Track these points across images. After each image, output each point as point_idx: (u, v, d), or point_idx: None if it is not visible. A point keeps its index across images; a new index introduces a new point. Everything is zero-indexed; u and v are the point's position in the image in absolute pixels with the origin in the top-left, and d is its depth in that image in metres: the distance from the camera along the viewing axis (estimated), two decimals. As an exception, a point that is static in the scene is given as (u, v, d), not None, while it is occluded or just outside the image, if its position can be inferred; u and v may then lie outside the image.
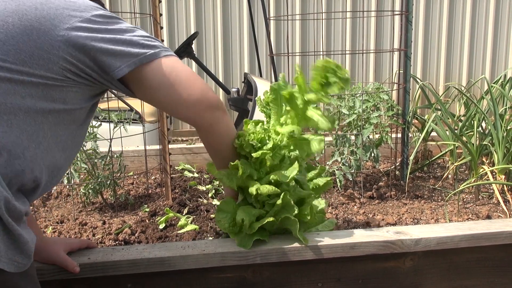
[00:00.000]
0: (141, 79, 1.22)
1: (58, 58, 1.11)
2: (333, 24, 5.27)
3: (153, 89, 1.24)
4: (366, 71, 5.38)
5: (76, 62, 1.13)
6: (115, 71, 1.17)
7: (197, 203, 2.28)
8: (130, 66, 1.18)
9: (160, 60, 1.22)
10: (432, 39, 5.47)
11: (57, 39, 1.10)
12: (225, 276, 1.50)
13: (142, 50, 1.19)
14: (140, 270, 1.43)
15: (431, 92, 2.79)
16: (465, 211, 2.21)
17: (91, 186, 2.26)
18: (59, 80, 1.12)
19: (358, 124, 2.38)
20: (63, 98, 1.15)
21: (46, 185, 1.19)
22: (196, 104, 1.29)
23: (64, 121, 1.18)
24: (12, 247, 1.03)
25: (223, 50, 5.27)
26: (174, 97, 1.26)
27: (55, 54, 1.10)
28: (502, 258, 1.64)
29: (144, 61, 1.19)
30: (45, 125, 1.13)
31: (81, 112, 1.23)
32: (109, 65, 1.16)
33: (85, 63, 1.15)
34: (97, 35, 1.14)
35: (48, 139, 1.14)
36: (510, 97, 2.81)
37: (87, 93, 1.22)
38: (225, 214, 1.50)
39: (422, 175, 2.74)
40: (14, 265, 1.03)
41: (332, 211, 2.23)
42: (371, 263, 1.56)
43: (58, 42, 1.10)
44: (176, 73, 1.25)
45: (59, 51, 1.11)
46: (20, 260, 1.04)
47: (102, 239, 1.94)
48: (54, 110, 1.14)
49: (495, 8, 5.45)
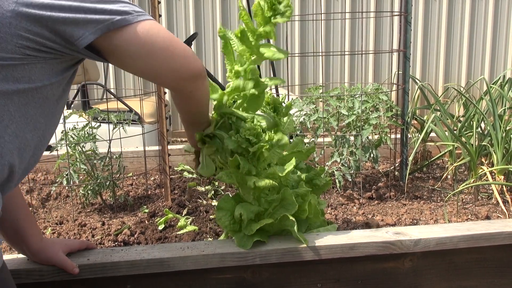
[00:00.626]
0: (112, 47, 1.11)
1: (11, 36, 1.01)
2: (332, 25, 5.28)
3: (127, 58, 1.14)
4: (365, 72, 5.39)
5: (33, 37, 1.04)
6: (78, 39, 1.06)
7: (197, 204, 2.28)
8: (96, 33, 1.07)
9: (132, 26, 1.10)
10: (431, 40, 5.48)
11: (6, 15, 1.00)
12: (224, 277, 1.50)
13: (108, 16, 1.07)
14: (139, 271, 1.43)
15: (430, 93, 2.79)
16: (464, 212, 2.21)
17: (90, 187, 2.26)
18: (17, 59, 1.04)
19: (358, 125, 2.38)
20: (27, 77, 1.07)
21: (21, 168, 1.14)
22: (176, 75, 1.21)
23: (34, 99, 1.10)
24: None
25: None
26: (152, 68, 1.17)
27: (7, 32, 1.01)
28: (501, 259, 1.64)
29: (111, 27, 1.08)
30: (11, 107, 1.06)
31: (53, 87, 1.14)
32: (71, 34, 1.06)
33: (44, 36, 1.04)
34: (54, 3, 1.03)
35: (16, 120, 1.08)
36: (509, 97, 2.82)
37: (57, 67, 1.13)
38: (224, 212, 1.51)
39: (422, 175, 2.74)
40: None
41: (331, 211, 2.23)
42: (370, 263, 1.56)
43: (8, 18, 1.01)
44: (153, 41, 1.13)
45: (11, 28, 1.01)
46: None
47: (101, 240, 1.94)
48: (19, 91, 1.06)
49: (494, 9, 5.45)
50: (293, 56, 5.12)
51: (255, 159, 1.50)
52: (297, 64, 5.30)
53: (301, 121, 2.43)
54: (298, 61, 5.29)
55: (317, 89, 2.51)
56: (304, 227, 1.61)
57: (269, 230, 1.55)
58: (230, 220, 1.50)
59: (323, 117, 2.38)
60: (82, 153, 2.23)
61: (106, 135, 2.25)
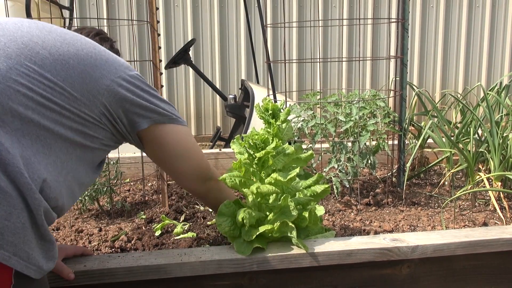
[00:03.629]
0: (158, 137, 1.41)
1: (100, 103, 1.27)
2: (330, 32, 5.30)
3: (169, 154, 1.46)
4: (362, 78, 5.40)
5: (111, 110, 1.30)
6: (140, 122, 1.36)
7: (194, 210, 2.27)
8: (154, 121, 1.38)
9: (180, 127, 1.44)
10: (428, 46, 5.50)
11: (103, 87, 1.27)
12: (221, 283, 1.50)
13: (167, 112, 1.40)
14: (136, 278, 1.43)
15: (427, 99, 2.80)
16: (461, 218, 2.21)
17: (87, 193, 2.26)
18: (96, 120, 1.27)
19: (355, 131, 2.38)
20: (92, 137, 1.28)
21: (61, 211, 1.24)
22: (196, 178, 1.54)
23: (86, 158, 1.30)
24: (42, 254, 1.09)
25: (220, 57, 5.29)
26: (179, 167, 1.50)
27: (99, 99, 1.26)
28: (498, 265, 1.64)
29: (166, 121, 1.40)
30: (73, 156, 1.24)
31: (99, 155, 1.36)
32: (137, 117, 1.35)
33: (117, 112, 1.31)
34: (135, 90, 1.34)
35: (74, 170, 1.25)
36: (506, 104, 2.82)
37: (108, 142, 1.36)
38: (225, 217, 1.51)
39: (419, 182, 2.74)
40: (41, 273, 1.09)
41: (329, 218, 2.22)
42: (367, 270, 1.56)
43: (103, 90, 1.27)
44: (195, 147, 1.51)
45: (102, 98, 1.27)
46: (46, 265, 1.10)
47: (98, 246, 1.93)
48: (82, 145, 1.26)
49: (490, 16, 5.48)
50: (291, 62, 5.14)
51: (260, 164, 1.51)
52: (295, 70, 5.31)
53: (299, 127, 2.43)
54: (296, 67, 5.30)
55: (315, 95, 2.52)
56: (303, 234, 1.61)
57: (269, 237, 1.55)
58: (230, 225, 1.51)
59: (320, 123, 2.39)
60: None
61: (104, 141, 2.25)
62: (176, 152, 1.46)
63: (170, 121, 1.41)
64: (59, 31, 1.29)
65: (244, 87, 3.24)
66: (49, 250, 1.12)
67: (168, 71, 5.23)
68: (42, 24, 1.29)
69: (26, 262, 1.04)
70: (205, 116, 5.45)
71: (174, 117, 1.42)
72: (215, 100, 5.40)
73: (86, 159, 1.30)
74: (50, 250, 1.12)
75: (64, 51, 1.23)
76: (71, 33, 1.33)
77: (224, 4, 5.21)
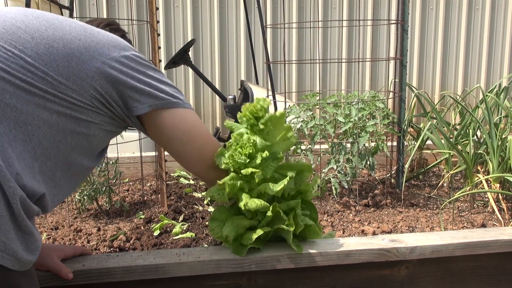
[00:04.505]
0: (159, 123, 1.31)
1: (90, 87, 1.19)
2: (330, 33, 5.30)
3: (169, 137, 1.34)
4: (362, 80, 5.41)
5: (104, 93, 1.22)
6: (136, 107, 1.26)
7: (193, 210, 2.27)
8: (152, 106, 1.27)
9: (182, 110, 1.32)
10: (427, 48, 5.50)
11: (92, 70, 1.19)
12: (220, 283, 1.50)
13: (166, 96, 1.29)
14: (134, 277, 1.43)
15: (426, 101, 2.80)
16: (460, 220, 2.22)
17: (86, 192, 2.26)
18: (88, 105, 1.20)
19: (354, 132, 2.39)
20: (87, 124, 1.22)
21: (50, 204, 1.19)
22: (204, 164, 1.41)
23: (82, 146, 1.23)
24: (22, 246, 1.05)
25: (220, 57, 5.29)
26: (190, 152, 1.38)
27: (88, 83, 1.19)
28: (496, 267, 1.64)
29: (165, 106, 1.29)
30: (62, 144, 1.18)
31: (99, 142, 1.29)
32: (133, 101, 1.26)
33: (111, 95, 1.23)
34: (130, 72, 1.24)
35: (59, 158, 1.19)
36: (504, 106, 2.83)
37: (108, 126, 1.29)
38: (218, 222, 1.48)
39: (418, 183, 2.75)
40: (19, 264, 1.05)
41: (327, 218, 2.23)
42: (366, 271, 1.56)
43: (93, 72, 1.19)
44: (196, 130, 1.36)
45: (92, 81, 1.19)
46: (26, 258, 1.06)
47: (97, 246, 1.93)
48: (75, 132, 1.20)
49: (490, 17, 5.49)
50: (290, 63, 5.14)
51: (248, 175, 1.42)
52: (295, 71, 5.31)
53: (299, 128, 2.43)
54: (296, 68, 5.30)
55: (314, 96, 2.52)
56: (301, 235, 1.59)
57: (264, 238, 1.54)
58: None
59: (320, 124, 2.39)
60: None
61: (103, 140, 2.24)
62: (175, 135, 1.34)
63: (169, 105, 1.30)
64: (48, 17, 1.23)
65: (243, 88, 3.24)
66: (30, 242, 1.08)
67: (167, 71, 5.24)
68: (31, 11, 1.24)
69: (2, 252, 1.01)
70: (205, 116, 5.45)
71: (173, 100, 1.30)
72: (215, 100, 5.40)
73: (81, 147, 1.24)
74: (31, 242, 1.08)
75: (49, 35, 1.18)
76: (62, 18, 1.26)
77: (224, 5, 5.21)
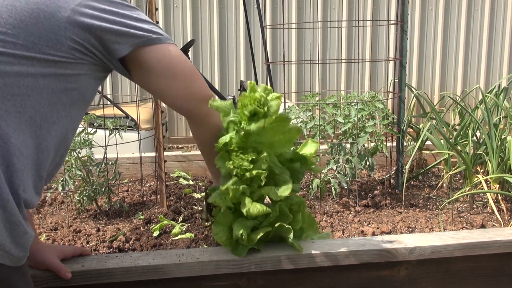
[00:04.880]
0: (142, 61, 1.24)
1: (65, 39, 1.13)
2: (329, 33, 5.30)
3: (152, 75, 1.26)
4: (361, 80, 5.41)
5: (82, 42, 1.15)
6: (116, 50, 1.20)
7: (192, 210, 2.27)
8: (132, 46, 1.21)
9: (164, 46, 1.25)
10: (427, 48, 5.51)
11: (63, 20, 1.12)
12: (219, 284, 1.50)
13: (145, 33, 1.22)
14: (134, 278, 1.43)
15: (426, 101, 2.80)
16: (459, 220, 2.22)
17: (85, 193, 2.26)
18: (68, 58, 1.15)
19: (354, 133, 2.39)
20: (75, 77, 1.18)
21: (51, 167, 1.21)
22: (193, 98, 1.33)
23: (78, 101, 1.21)
24: (10, 238, 1.03)
25: (220, 57, 5.29)
26: (172, 88, 1.30)
27: (62, 35, 1.13)
28: (495, 267, 1.64)
29: (146, 43, 1.22)
30: (59, 105, 1.15)
31: (92, 92, 1.26)
32: (112, 44, 1.19)
33: (90, 42, 1.17)
34: (103, 15, 1.17)
35: (63, 119, 1.17)
36: (504, 106, 2.83)
37: (95, 73, 1.24)
38: (222, 227, 1.47)
39: (417, 183, 2.75)
40: (9, 258, 1.04)
41: (327, 219, 2.23)
42: (365, 271, 1.56)
43: (64, 23, 1.12)
44: (178, 63, 1.28)
45: (66, 32, 1.13)
46: (14, 251, 1.04)
47: (96, 247, 1.93)
48: (67, 89, 1.16)
49: (489, 18, 5.49)
50: (290, 63, 5.14)
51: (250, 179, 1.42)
52: (294, 71, 5.31)
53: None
54: (295, 69, 5.30)
55: (314, 97, 2.52)
56: (298, 234, 1.59)
57: (264, 238, 1.54)
58: (227, 235, 1.47)
59: (319, 125, 2.39)
60: (77, 159, 2.22)
61: (102, 141, 2.25)
62: (159, 71, 1.26)
63: (150, 42, 1.23)
64: None
65: (243, 88, 3.24)
66: (18, 235, 1.04)
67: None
68: None
69: None
70: (204, 117, 5.44)
71: (153, 37, 1.23)
72: (214, 101, 5.39)
73: (77, 101, 1.21)
74: (19, 235, 1.05)
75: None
76: None
77: (224, 5, 5.21)
